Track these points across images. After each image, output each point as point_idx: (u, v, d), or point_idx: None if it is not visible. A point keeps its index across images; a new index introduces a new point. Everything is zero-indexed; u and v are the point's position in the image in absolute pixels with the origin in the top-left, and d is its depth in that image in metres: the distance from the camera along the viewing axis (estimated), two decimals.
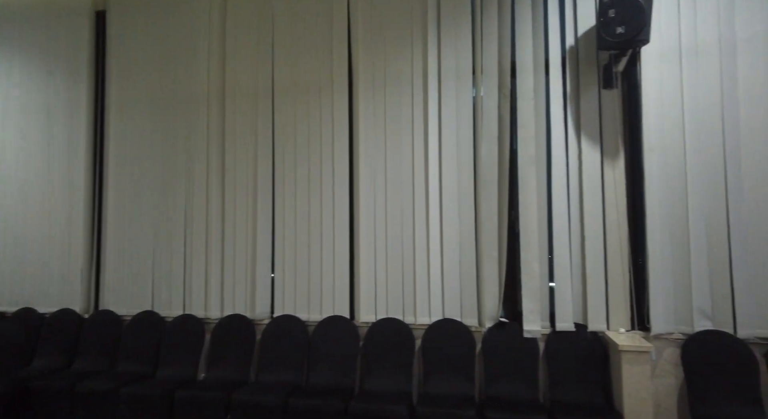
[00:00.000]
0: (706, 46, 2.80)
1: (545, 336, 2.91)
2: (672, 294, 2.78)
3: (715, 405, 2.53)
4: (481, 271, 3.07)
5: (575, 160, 2.98)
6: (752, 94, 2.74)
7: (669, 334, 2.76)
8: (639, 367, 2.49)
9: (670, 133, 2.84)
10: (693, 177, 2.78)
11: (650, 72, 2.87)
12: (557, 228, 2.96)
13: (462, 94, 3.18)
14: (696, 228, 2.75)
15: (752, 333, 2.64)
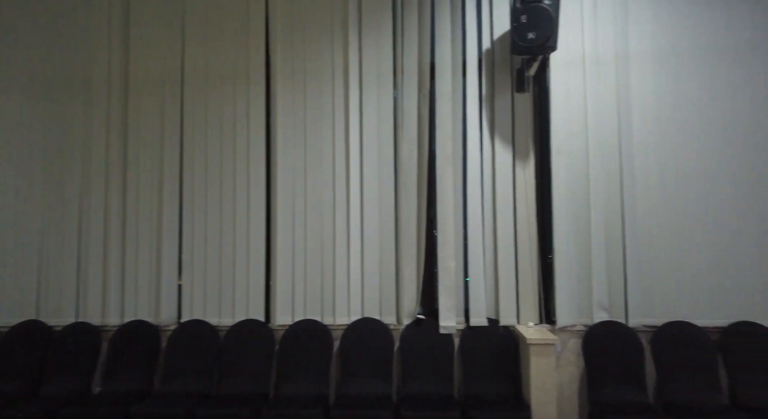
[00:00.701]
0: (605, 57, 3.01)
1: (460, 331, 2.98)
2: (575, 289, 2.96)
3: (609, 390, 2.72)
4: (400, 269, 3.07)
5: (489, 161, 3.08)
6: (643, 102, 2.99)
7: (572, 326, 2.94)
8: (545, 359, 2.62)
9: (575, 137, 3.01)
10: (594, 179, 2.98)
11: (558, 78, 3.03)
12: (472, 227, 3.03)
13: (383, 93, 3.16)
14: (596, 227, 2.95)
15: (640, 322, 2.89)
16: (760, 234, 2.88)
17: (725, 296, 2.88)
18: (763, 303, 2.85)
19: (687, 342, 2.79)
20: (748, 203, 2.90)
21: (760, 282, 2.86)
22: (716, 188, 2.93)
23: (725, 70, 2.96)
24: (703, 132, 2.96)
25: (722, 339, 2.79)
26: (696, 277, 2.90)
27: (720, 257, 2.90)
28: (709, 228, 2.91)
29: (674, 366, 2.75)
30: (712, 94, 2.96)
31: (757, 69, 2.94)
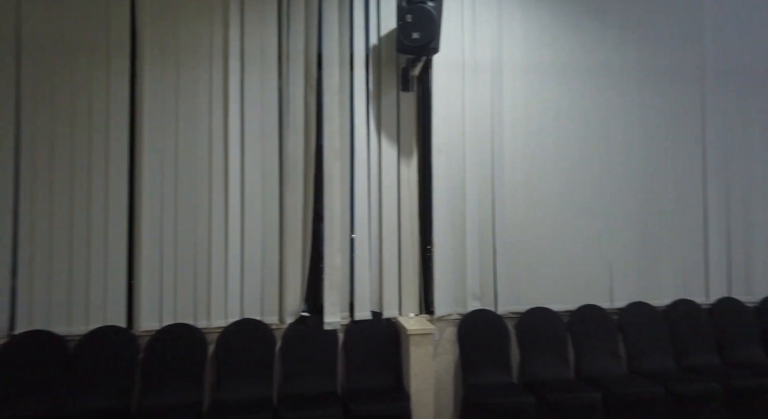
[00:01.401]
0: (482, 64, 3.23)
1: (345, 326, 2.97)
2: (452, 280, 3.14)
3: (480, 373, 2.94)
4: (284, 266, 2.95)
5: (376, 157, 3.11)
6: (513, 108, 3.27)
7: (448, 316, 3.11)
8: (424, 348, 2.73)
9: (453, 137, 3.18)
10: (470, 177, 3.18)
11: (439, 80, 3.16)
12: (359, 221, 3.04)
13: (267, 80, 3.00)
14: (471, 222, 3.16)
15: (508, 309, 3.17)
16: (600, 233, 3.34)
17: (574, 283, 3.29)
18: (600, 289, 3.32)
19: (545, 325, 3.13)
20: (593, 205, 3.35)
21: (599, 272, 3.33)
22: (570, 190, 3.33)
23: (581, 84, 3.37)
24: (563, 139, 3.33)
25: (571, 321, 3.19)
26: (552, 268, 3.27)
27: (571, 251, 3.30)
28: (564, 226, 3.30)
29: (534, 348, 3.07)
30: (570, 105, 3.35)
31: (607, 85, 3.40)
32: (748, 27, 3.63)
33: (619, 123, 3.42)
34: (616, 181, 3.39)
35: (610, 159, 3.39)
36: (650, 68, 3.48)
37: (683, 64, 3.52)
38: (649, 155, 3.45)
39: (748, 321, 3.38)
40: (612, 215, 3.37)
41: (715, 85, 3.56)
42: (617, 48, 3.43)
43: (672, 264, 3.44)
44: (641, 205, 3.42)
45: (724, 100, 3.57)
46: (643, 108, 3.46)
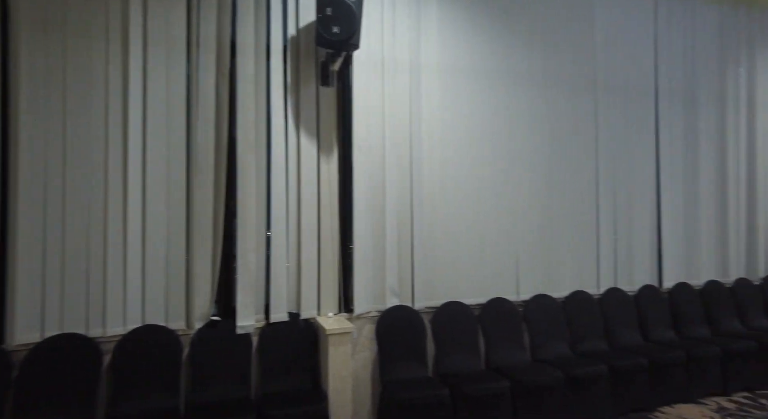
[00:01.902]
0: (401, 64, 3.26)
1: (259, 329, 2.84)
2: (371, 277, 3.14)
3: (398, 369, 2.98)
4: (192, 267, 2.74)
5: (294, 151, 3.01)
6: (430, 109, 3.35)
7: (368, 313, 3.11)
8: (342, 347, 2.70)
9: (374, 135, 3.18)
10: (390, 175, 3.20)
11: (360, 77, 3.14)
12: (276, 218, 2.92)
13: (174, 66, 2.75)
14: (390, 219, 3.18)
15: (424, 304, 3.25)
16: (508, 230, 3.56)
17: (485, 278, 3.47)
18: (508, 283, 3.54)
19: (458, 319, 3.26)
20: (501, 204, 3.55)
21: (507, 267, 3.54)
22: (481, 190, 3.49)
23: (492, 89, 3.55)
24: (475, 140, 3.49)
25: (481, 314, 3.36)
26: (465, 263, 3.41)
27: (483, 247, 3.47)
28: (476, 223, 3.46)
29: (448, 341, 3.18)
30: (481, 108, 3.52)
31: (515, 91, 3.62)
32: (631, 48, 4.08)
33: (524, 127, 3.66)
34: (522, 182, 3.63)
35: (517, 161, 3.62)
36: (552, 77, 3.77)
37: (580, 76, 3.87)
38: (551, 158, 3.74)
39: (630, 308, 3.81)
40: (519, 214, 3.60)
41: (605, 97, 3.96)
42: (524, 56, 3.67)
43: (570, 260, 3.77)
44: (544, 204, 3.70)
45: (611, 110, 3.98)
46: (546, 114, 3.74)
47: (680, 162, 4.24)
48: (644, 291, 3.93)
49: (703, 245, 4.29)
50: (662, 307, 3.92)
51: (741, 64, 4.55)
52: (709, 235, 4.33)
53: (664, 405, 3.34)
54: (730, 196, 4.42)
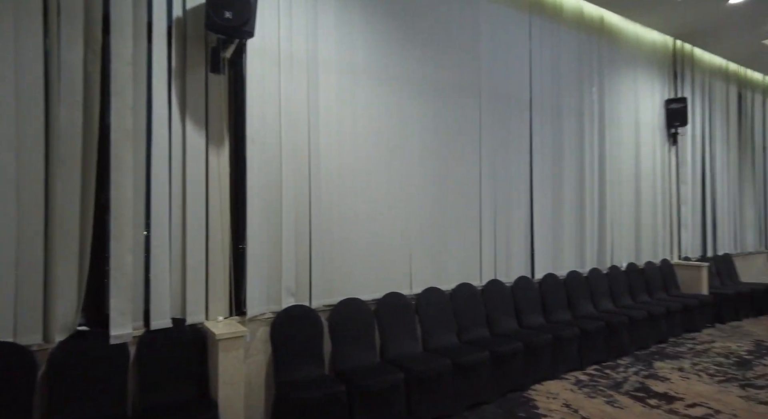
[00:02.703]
0: (298, 56, 3.19)
1: (138, 338, 2.55)
2: (266, 277, 3.02)
3: (294, 369, 2.91)
4: (51, 270, 2.36)
5: (179, 142, 2.76)
6: (328, 105, 3.33)
7: (262, 315, 2.99)
8: (234, 352, 2.55)
9: (269, 128, 3.06)
10: (286, 170, 3.11)
11: (254, 67, 3.00)
12: (156, 215, 2.65)
13: (25, 37, 2.34)
14: (287, 216, 3.09)
15: (321, 303, 3.22)
16: (402, 227, 3.69)
17: (381, 274, 3.55)
18: (402, 277, 3.67)
19: (354, 315, 3.28)
20: (396, 202, 3.67)
21: (402, 262, 3.67)
22: (377, 188, 3.57)
23: (388, 90, 3.64)
24: (371, 140, 3.55)
25: (377, 309, 3.43)
26: (362, 260, 3.46)
27: (378, 243, 3.55)
28: (372, 221, 3.53)
29: (345, 337, 3.19)
30: (378, 109, 3.59)
31: (410, 94, 3.75)
32: (510, 61, 4.51)
33: (416, 128, 3.82)
34: (414, 181, 3.79)
35: (410, 160, 3.77)
36: (442, 82, 4.00)
37: (466, 84, 4.16)
38: (440, 159, 3.97)
39: (507, 298, 4.20)
40: (412, 212, 3.76)
41: (488, 104, 4.32)
42: (418, 61, 3.84)
43: (456, 255, 4.04)
44: (434, 203, 3.91)
45: (493, 117, 4.36)
46: (437, 118, 3.96)
47: (549, 167, 4.79)
48: (519, 282, 4.37)
49: (565, 240, 4.91)
50: (534, 296, 4.39)
51: (594, 85, 5.30)
52: (570, 231, 4.97)
53: (535, 384, 3.74)
54: (586, 197, 5.12)
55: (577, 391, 3.57)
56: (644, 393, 3.51)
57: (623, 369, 4.07)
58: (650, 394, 3.49)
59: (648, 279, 5.57)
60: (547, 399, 3.42)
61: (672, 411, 3.18)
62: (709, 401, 3.37)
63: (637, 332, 4.62)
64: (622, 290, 5.20)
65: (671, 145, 6.27)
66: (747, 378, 3.84)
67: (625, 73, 5.65)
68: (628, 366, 4.15)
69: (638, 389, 3.60)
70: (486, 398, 3.36)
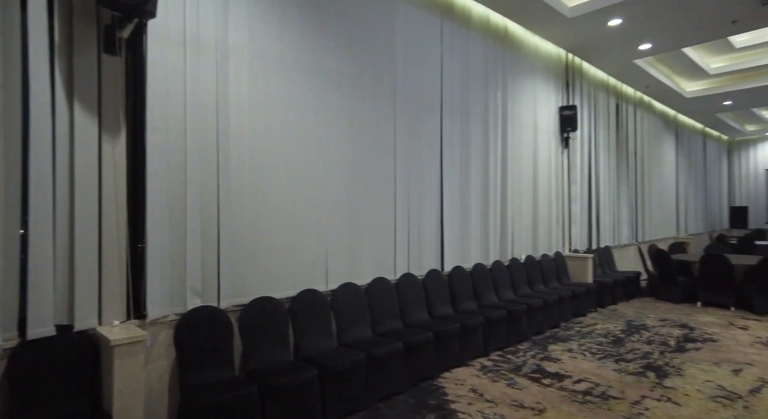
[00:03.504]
0: (206, 42, 3.01)
1: (9, 351, 2.24)
2: (168, 278, 2.81)
3: (201, 373, 2.75)
4: None
5: (66, 128, 2.46)
6: (239, 95, 3.19)
7: (164, 317, 2.78)
8: (132, 359, 2.34)
9: (173, 116, 2.85)
10: (192, 162, 2.92)
11: (156, 50, 2.77)
12: (36, 211, 2.34)
13: None
14: (192, 211, 2.91)
15: (231, 303, 3.08)
16: (318, 223, 3.66)
17: (296, 271, 3.49)
18: (318, 274, 3.65)
19: (267, 314, 3.19)
20: (312, 197, 3.63)
21: (317, 259, 3.64)
22: (292, 182, 3.50)
23: (304, 84, 3.58)
24: (286, 133, 3.46)
25: (292, 306, 3.37)
26: (276, 257, 3.37)
27: (294, 240, 3.48)
28: (287, 216, 3.45)
29: (257, 337, 3.09)
30: (293, 103, 3.51)
31: (326, 89, 3.72)
32: (423, 63, 4.67)
33: (333, 124, 3.81)
34: (331, 175, 3.77)
35: (326, 155, 3.75)
36: (358, 79, 4.02)
37: (381, 82, 4.23)
38: (356, 155, 4.00)
39: (419, 290, 4.36)
40: (328, 207, 3.74)
41: (402, 104, 4.43)
42: (333, 56, 3.82)
43: (372, 249, 4.10)
44: (350, 199, 3.93)
45: (407, 116, 4.48)
46: (354, 114, 3.97)
47: (457, 167, 5.05)
48: (430, 274, 4.56)
49: (472, 235, 5.21)
50: (443, 287, 4.61)
51: (498, 90, 5.68)
52: (476, 227, 5.29)
53: (444, 372, 3.93)
54: (490, 196, 5.48)
55: (482, 376, 3.82)
56: (540, 374, 3.85)
57: (522, 354, 4.43)
58: (545, 374, 3.84)
59: (543, 270, 6.12)
60: (455, 386, 3.61)
61: (562, 388, 3.54)
62: (592, 376, 3.79)
63: (535, 318, 5.06)
64: (521, 280, 5.65)
65: (563, 148, 6.94)
66: (620, 354, 4.39)
67: (525, 80, 6.14)
68: (526, 351, 4.52)
69: (535, 370, 3.94)
70: (399, 388, 3.46)
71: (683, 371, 3.91)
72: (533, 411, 3.12)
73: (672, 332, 5.21)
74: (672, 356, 4.32)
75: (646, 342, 4.79)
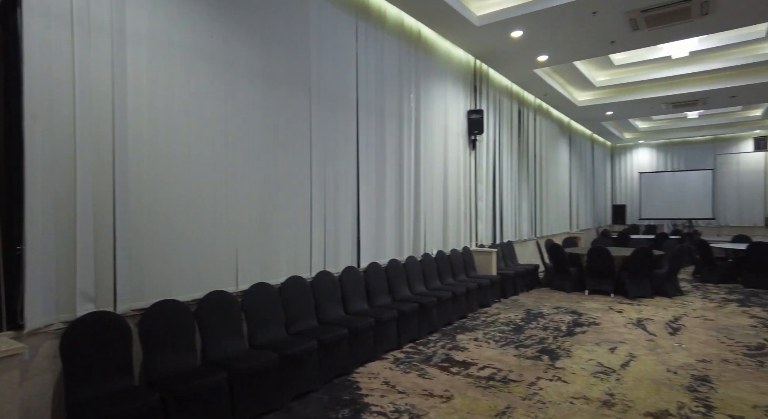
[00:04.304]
0: (99, 24, 2.74)
1: None
2: (54, 282, 2.53)
3: (92, 385, 2.51)
4: None
5: None
6: (138, 84, 2.95)
7: (48, 326, 2.50)
8: (5, 376, 2.07)
9: (58, 102, 2.57)
10: (84, 153, 2.65)
11: (36, 29, 2.47)
12: None
13: None
14: (84, 206, 2.64)
15: (129, 307, 2.85)
16: (228, 220, 3.52)
17: (203, 271, 3.32)
18: (228, 274, 3.51)
19: (171, 317, 3.00)
20: (220, 194, 3.47)
21: (227, 258, 3.50)
22: (199, 177, 3.32)
23: (211, 75, 3.40)
24: (192, 125, 3.27)
25: (199, 309, 3.20)
26: (181, 257, 3.18)
27: (200, 238, 3.31)
28: (194, 213, 3.27)
29: (159, 343, 2.89)
30: (199, 94, 3.33)
31: (235, 81, 3.57)
32: (338, 60, 4.67)
33: (243, 117, 3.68)
34: (242, 171, 3.64)
35: (236, 151, 3.61)
36: (271, 72, 3.92)
37: (296, 76, 4.17)
38: (269, 151, 3.90)
39: (335, 287, 4.38)
40: (239, 204, 3.60)
41: (318, 100, 4.41)
42: (243, 46, 3.68)
43: (287, 248, 4.03)
44: (263, 196, 3.82)
45: (323, 112, 4.47)
46: (267, 109, 3.87)
47: (373, 165, 5.14)
48: (347, 271, 4.59)
49: (387, 231, 5.34)
50: (359, 284, 4.67)
51: (412, 92, 5.87)
52: (391, 224, 5.43)
53: (359, 366, 3.99)
54: (404, 194, 5.65)
55: (395, 368, 3.95)
56: (448, 363, 4.07)
57: (433, 344, 4.64)
58: (453, 363, 4.07)
59: (453, 264, 6.45)
60: (369, 380, 3.69)
61: (468, 375, 3.77)
62: (495, 362, 4.09)
63: (445, 310, 5.33)
64: (432, 274, 5.91)
65: (471, 149, 7.36)
66: (520, 341, 4.79)
67: (437, 83, 6.41)
68: (436, 341, 4.75)
69: (444, 360, 4.16)
70: (313, 386, 3.45)
71: (571, 352, 4.37)
72: (441, 399, 3.30)
73: (564, 318, 5.78)
74: (563, 340, 4.80)
75: (542, 329, 5.27)
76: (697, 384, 3.54)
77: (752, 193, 13.87)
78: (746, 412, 3.07)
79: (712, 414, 3.04)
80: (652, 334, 4.99)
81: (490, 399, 3.28)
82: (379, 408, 3.13)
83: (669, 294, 7.12)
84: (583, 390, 3.44)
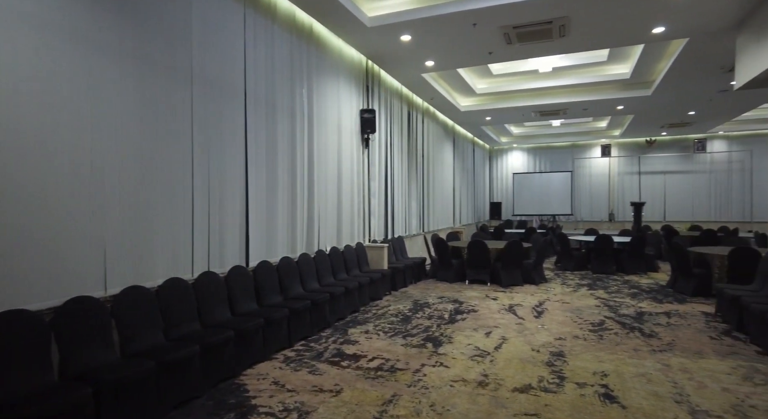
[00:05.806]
0: None
1: None
2: None
3: None
4: None
5: None
6: None
7: None
8: None
9: None
10: None
11: None
12: None
13: None
14: None
15: None
16: (93, 218, 3.15)
17: (61, 276, 2.93)
18: (92, 278, 3.14)
19: (18, 331, 2.59)
20: (85, 190, 3.09)
21: (92, 260, 3.13)
22: (58, 171, 2.91)
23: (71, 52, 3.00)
24: (55, 111, 2.86)
25: (56, 318, 2.82)
26: (30, 261, 2.76)
27: (56, 240, 2.91)
28: (46, 212, 2.86)
29: (3, 363, 2.48)
30: (56, 73, 2.92)
31: (104, 68, 3.19)
32: (224, 50, 4.44)
33: (113, 103, 3.32)
34: (109, 163, 3.28)
35: (102, 140, 3.24)
36: (146, 56, 3.58)
37: (175, 63, 3.86)
38: (143, 143, 3.57)
39: (221, 288, 4.17)
40: (106, 201, 3.24)
41: (201, 89, 4.14)
42: (113, 23, 3.32)
43: (164, 248, 3.72)
44: (137, 192, 3.49)
45: (207, 103, 4.21)
46: (143, 95, 3.53)
47: (264, 161, 4.98)
48: (233, 271, 4.39)
49: (279, 229, 5.22)
50: (248, 283, 4.50)
51: (304, 87, 5.81)
52: (283, 221, 5.32)
53: (247, 368, 3.85)
54: (298, 190, 5.58)
55: (285, 367, 3.89)
56: (339, 358, 4.13)
57: (324, 340, 4.67)
58: (344, 357, 4.14)
59: (346, 260, 6.54)
60: (257, 381, 3.59)
61: (358, 368, 3.87)
62: (384, 353, 4.26)
63: (337, 305, 5.38)
64: (326, 270, 5.93)
65: (364, 148, 7.52)
66: (407, 330, 5.04)
67: (330, 80, 6.42)
68: (328, 337, 4.78)
69: (335, 355, 4.21)
70: (196, 392, 3.25)
71: (453, 338, 4.72)
72: (331, 393, 3.34)
73: (447, 307, 6.21)
74: (446, 327, 5.16)
75: (427, 318, 5.60)
76: (554, 360, 4.07)
77: (599, 192, 16.30)
78: (588, 378, 3.62)
79: (563, 383, 3.53)
80: (521, 318, 5.60)
81: (378, 389, 3.41)
82: (267, 409, 3.07)
83: (536, 282, 8.04)
84: (462, 373, 3.75)
